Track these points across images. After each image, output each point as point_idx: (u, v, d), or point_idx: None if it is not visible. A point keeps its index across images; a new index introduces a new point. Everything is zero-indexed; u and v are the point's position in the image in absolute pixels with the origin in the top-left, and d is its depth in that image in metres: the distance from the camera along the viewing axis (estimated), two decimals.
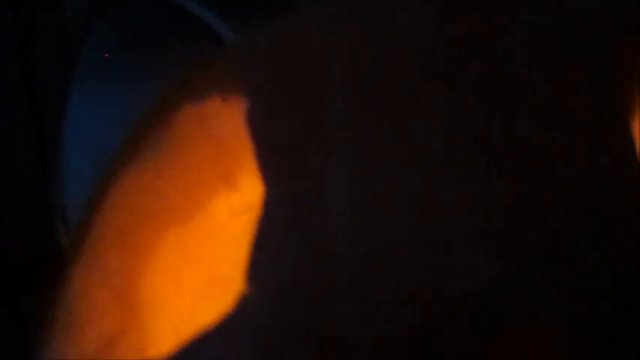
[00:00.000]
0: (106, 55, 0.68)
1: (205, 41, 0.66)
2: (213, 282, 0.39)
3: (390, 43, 0.33)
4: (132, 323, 0.37)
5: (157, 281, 0.38)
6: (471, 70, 0.31)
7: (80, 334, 0.37)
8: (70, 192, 0.65)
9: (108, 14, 0.69)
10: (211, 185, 0.37)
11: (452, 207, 0.30)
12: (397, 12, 0.34)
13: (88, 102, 0.66)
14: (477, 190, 0.30)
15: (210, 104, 0.36)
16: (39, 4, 0.82)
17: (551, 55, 0.32)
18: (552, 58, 0.32)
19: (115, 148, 0.41)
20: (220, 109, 0.35)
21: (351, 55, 0.33)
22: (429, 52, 0.32)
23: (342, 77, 0.32)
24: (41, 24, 0.82)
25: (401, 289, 0.29)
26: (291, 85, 0.33)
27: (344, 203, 0.30)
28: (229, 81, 0.35)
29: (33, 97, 0.80)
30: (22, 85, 0.80)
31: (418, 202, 0.30)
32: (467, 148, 0.30)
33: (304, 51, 0.34)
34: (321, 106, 0.32)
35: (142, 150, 0.37)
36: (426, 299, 0.29)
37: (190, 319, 0.39)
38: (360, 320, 0.30)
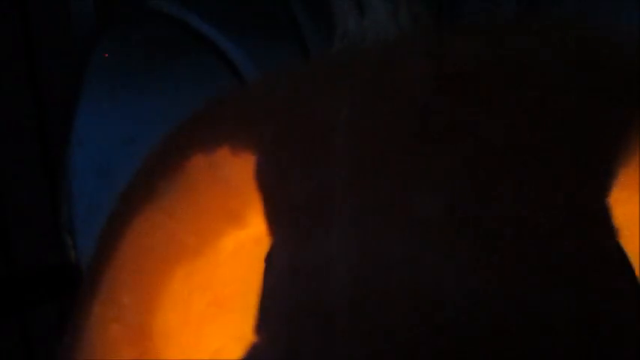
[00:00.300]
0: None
1: (207, 56, 0.67)
2: (218, 305, 0.41)
3: (388, 106, 0.34)
4: (145, 354, 0.38)
5: (167, 313, 0.39)
6: (469, 138, 0.33)
7: None
8: (77, 205, 0.66)
9: (113, 29, 0.70)
10: (220, 224, 0.39)
11: (447, 269, 0.31)
12: (396, 76, 0.36)
13: (94, 116, 0.67)
14: (472, 253, 0.31)
15: (220, 153, 0.37)
16: (44, 5, 0.82)
17: (544, 123, 0.33)
18: (546, 126, 0.33)
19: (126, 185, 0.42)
20: (229, 158, 0.37)
21: (352, 117, 0.34)
22: (426, 117, 0.34)
23: (346, 139, 0.34)
24: (47, 25, 0.82)
25: (399, 344, 0.31)
26: (298, 144, 0.35)
27: (347, 262, 0.32)
28: (238, 133, 0.37)
29: (40, 108, 0.80)
30: (28, 94, 0.80)
31: (415, 263, 0.32)
32: (463, 214, 0.32)
33: (311, 110, 0.36)
34: (327, 167, 0.33)
35: (154, 193, 0.39)
36: (423, 353, 0.31)
37: (197, 343, 0.41)
38: None
